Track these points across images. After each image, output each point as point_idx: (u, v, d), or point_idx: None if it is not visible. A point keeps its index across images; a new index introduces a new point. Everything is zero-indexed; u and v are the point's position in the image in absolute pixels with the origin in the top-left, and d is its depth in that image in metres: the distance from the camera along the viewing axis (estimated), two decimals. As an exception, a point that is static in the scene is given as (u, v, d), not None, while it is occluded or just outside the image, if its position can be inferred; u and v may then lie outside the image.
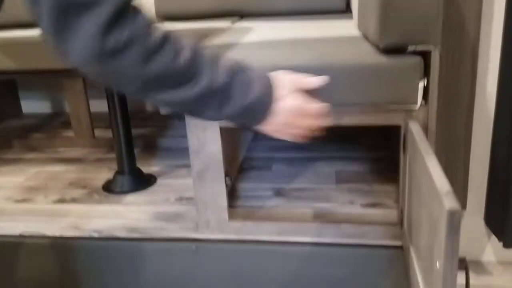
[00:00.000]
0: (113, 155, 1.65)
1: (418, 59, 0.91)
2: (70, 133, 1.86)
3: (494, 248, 1.28)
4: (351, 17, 1.59)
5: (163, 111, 0.97)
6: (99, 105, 2.14)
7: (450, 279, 0.62)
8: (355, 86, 0.92)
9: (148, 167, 1.51)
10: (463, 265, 0.97)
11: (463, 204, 1.23)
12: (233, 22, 1.74)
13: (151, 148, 1.69)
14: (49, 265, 1.16)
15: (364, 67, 0.92)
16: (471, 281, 0.98)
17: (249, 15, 1.86)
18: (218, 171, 1.06)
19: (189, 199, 1.29)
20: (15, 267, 1.17)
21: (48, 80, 2.19)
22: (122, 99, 1.34)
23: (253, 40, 1.22)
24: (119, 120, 1.35)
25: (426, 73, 0.93)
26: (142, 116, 2.08)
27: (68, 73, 1.65)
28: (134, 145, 1.42)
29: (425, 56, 0.92)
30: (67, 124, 2.00)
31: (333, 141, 1.64)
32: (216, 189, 1.06)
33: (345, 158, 1.51)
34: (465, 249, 1.29)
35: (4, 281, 1.19)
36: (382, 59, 0.92)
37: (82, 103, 1.71)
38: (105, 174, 1.50)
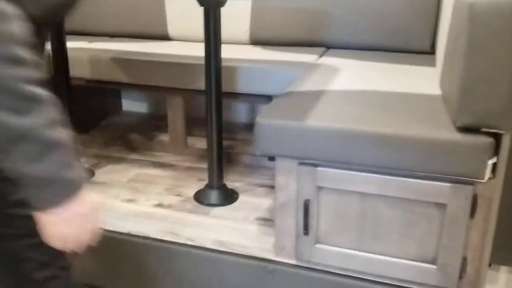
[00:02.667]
0: (201, 165, 1.89)
1: (490, 140, 1.04)
2: (165, 137, 2.12)
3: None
4: (434, 62, 1.70)
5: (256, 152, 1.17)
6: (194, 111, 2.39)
7: None
8: (425, 157, 1.07)
9: (231, 183, 1.72)
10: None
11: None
12: (320, 55, 1.90)
13: (234, 163, 1.90)
14: (147, 263, 1.41)
15: (437, 141, 1.06)
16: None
17: (335, 47, 2.01)
18: (294, 207, 1.24)
19: (266, 220, 1.49)
20: (121, 261, 1.43)
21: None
22: (218, 119, 1.54)
23: (337, 88, 1.39)
24: (215, 138, 1.56)
25: (496, 151, 1.06)
26: (227, 127, 2.31)
27: (170, 91, 1.91)
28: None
29: (496, 137, 1.05)
30: (162, 128, 2.26)
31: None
32: (294, 220, 1.25)
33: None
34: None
35: (111, 272, 1.46)
36: (457, 136, 1.06)
37: (180, 116, 1.95)
38: (195, 184, 1.74)
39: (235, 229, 1.45)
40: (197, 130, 2.25)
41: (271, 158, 1.24)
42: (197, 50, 1.96)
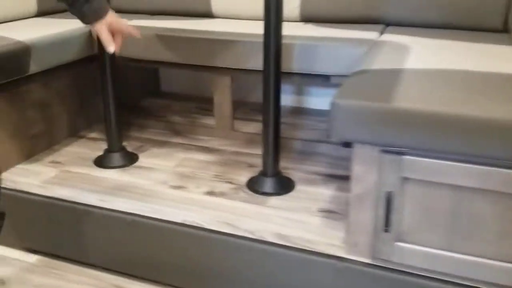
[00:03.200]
0: (250, 151, 1.76)
1: None
2: (209, 121, 2.00)
3: None
4: (507, 41, 1.54)
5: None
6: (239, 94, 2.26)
7: None
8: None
9: (284, 170, 1.59)
10: None
11: None
12: (380, 32, 1.74)
13: (285, 149, 1.77)
14: (201, 255, 1.29)
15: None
16: None
17: (394, 24, 1.85)
18: (372, 200, 1.11)
19: (330, 212, 1.36)
20: (174, 252, 1.32)
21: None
22: (276, 102, 1.41)
23: (414, 67, 1.23)
24: (271, 122, 1.42)
25: None
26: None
27: (217, 70, 1.78)
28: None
29: None
30: (205, 111, 2.14)
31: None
32: (372, 215, 1.11)
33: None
34: None
35: (162, 263, 1.35)
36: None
37: (227, 98, 1.82)
38: (245, 170, 1.61)
39: (297, 221, 1.32)
40: (241, 113, 2.12)
41: (347, 145, 1.10)
42: (245, 28, 1.82)
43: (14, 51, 1.53)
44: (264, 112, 1.42)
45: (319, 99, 2.19)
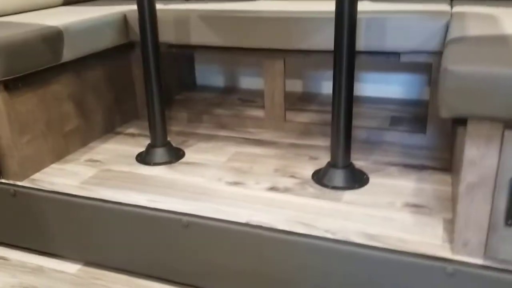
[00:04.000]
0: (306, 142, 1.58)
1: None
2: (256, 113, 1.81)
3: None
4: None
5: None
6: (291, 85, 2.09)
7: None
8: None
9: (354, 162, 1.40)
10: None
11: None
12: (448, 3, 1.55)
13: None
14: (273, 260, 1.10)
15: None
16: None
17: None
18: (489, 189, 0.91)
19: (418, 207, 1.17)
20: (238, 257, 1.14)
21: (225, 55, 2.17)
22: (349, 84, 1.22)
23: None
24: (343, 107, 1.24)
25: None
26: (323, 98, 1.98)
27: (269, 54, 1.60)
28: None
29: None
30: (249, 102, 1.96)
31: None
32: (489, 207, 0.92)
33: None
34: None
35: (225, 269, 1.16)
36: None
37: (279, 84, 1.64)
38: (307, 163, 1.43)
39: (383, 218, 1.13)
40: (289, 103, 1.93)
41: (459, 122, 0.91)
42: (299, 7, 1.64)
43: (46, 36, 1.36)
44: (335, 94, 1.23)
45: (369, 86, 2.00)
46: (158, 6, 1.71)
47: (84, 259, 1.34)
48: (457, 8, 1.48)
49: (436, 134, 1.50)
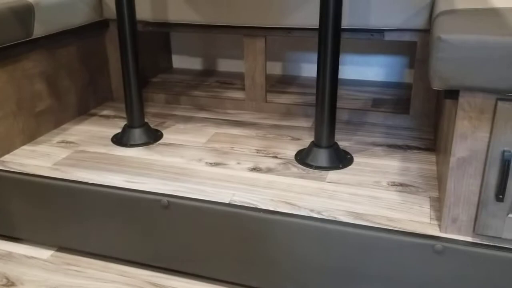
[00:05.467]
0: (288, 123, 1.54)
1: None
2: (235, 94, 1.77)
3: None
4: None
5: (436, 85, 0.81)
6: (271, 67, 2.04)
7: None
8: None
9: (338, 142, 1.37)
10: None
11: None
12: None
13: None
14: (259, 241, 1.07)
15: None
16: None
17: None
18: (480, 163, 0.89)
19: (404, 186, 1.15)
20: (221, 239, 1.09)
21: (201, 36, 2.11)
22: (333, 67, 1.19)
23: (506, 6, 1.02)
24: (328, 86, 1.20)
25: None
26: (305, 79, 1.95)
27: (250, 31, 1.55)
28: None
29: None
30: (227, 84, 1.91)
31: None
32: (479, 182, 0.90)
33: None
34: None
35: (207, 253, 1.12)
36: None
37: (260, 63, 1.59)
38: (289, 144, 1.39)
39: (369, 197, 1.10)
40: (269, 85, 1.89)
41: (450, 95, 0.88)
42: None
43: (15, 10, 1.28)
44: (321, 75, 1.20)
45: (351, 68, 1.97)
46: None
47: (56, 244, 1.27)
48: (441, -13, 1.46)
49: (419, 115, 1.49)
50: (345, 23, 1.39)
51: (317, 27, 1.17)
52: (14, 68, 1.34)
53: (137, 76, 1.39)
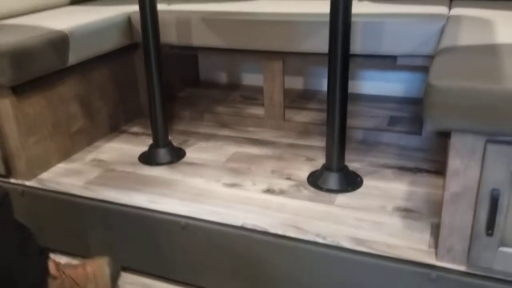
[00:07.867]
0: (304, 142, 1.61)
1: None
2: (257, 111, 1.85)
3: None
4: None
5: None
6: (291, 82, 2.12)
7: None
8: None
9: (347, 163, 1.43)
10: None
11: None
12: (448, 6, 1.56)
13: (347, 140, 1.61)
14: (266, 264, 1.15)
15: None
16: None
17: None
18: (472, 199, 0.94)
19: (409, 212, 1.20)
20: (232, 259, 1.19)
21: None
22: (343, 91, 1.25)
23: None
24: (337, 111, 1.26)
25: None
26: (320, 97, 2.01)
27: (268, 55, 1.63)
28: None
29: None
30: (250, 100, 1.99)
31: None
32: (471, 216, 0.95)
33: None
34: None
35: (219, 271, 1.21)
36: None
37: (278, 84, 1.67)
38: (303, 164, 1.46)
39: (373, 222, 1.17)
40: (288, 101, 1.96)
41: (443, 135, 0.94)
42: (295, 7, 1.66)
43: (52, 41, 1.41)
44: (330, 99, 1.27)
45: (371, 83, 2.02)
46: (160, 7, 1.75)
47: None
48: (455, 11, 1.49)
49: (432, 136, 1.53)
50: (358, 49, 1.45)
51: (328, 56, 1.24)
52: (51, 94, 1.47)
53: (161, 99, 1.49)
